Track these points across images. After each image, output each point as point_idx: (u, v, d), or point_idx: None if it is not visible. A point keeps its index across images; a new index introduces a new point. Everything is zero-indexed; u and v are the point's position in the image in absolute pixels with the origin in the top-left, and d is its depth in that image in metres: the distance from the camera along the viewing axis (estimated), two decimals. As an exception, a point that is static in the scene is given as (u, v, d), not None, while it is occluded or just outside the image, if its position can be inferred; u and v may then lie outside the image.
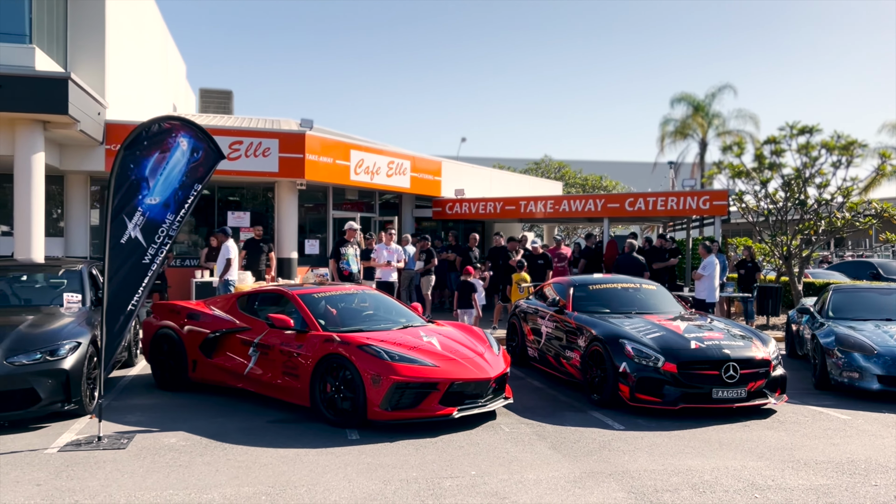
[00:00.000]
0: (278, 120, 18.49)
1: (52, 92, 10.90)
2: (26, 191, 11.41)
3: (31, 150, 11.36)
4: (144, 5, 17.56)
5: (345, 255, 12.52)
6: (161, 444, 6.05)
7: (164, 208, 6.44)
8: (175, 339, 8.29)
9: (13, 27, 11.58)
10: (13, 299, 8.40)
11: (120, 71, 14.72)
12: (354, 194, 17.71)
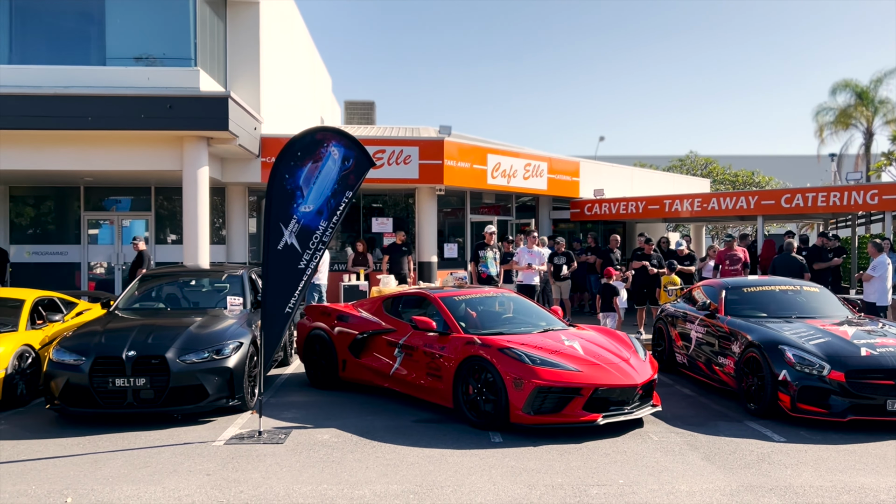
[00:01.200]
0: (418, 128, 18.96)
1: (214, 110, 11.80)
2: (193, 202, 12.41)
3: (196, 164, 12.35)
4: (294, 26, 18.63)
5: (483, 258, 12.60)
6: (315, 440, 6.36)
7: (317, 215, 6.76)
8: (326, 340, 8.70)
9: (180, 52, 12.66)
10: (183, 302, 9.15)
11: (273, 88, 15.69)
12: (491, 198, 17.80)
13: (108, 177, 13.99)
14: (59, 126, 11.68)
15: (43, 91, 11.68)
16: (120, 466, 5.62)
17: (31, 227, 16.08)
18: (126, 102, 11.69)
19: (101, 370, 6.80)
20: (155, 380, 6.82)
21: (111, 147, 12.34)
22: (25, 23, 12.65)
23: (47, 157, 12.28)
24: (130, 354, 6.84)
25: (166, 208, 16.08)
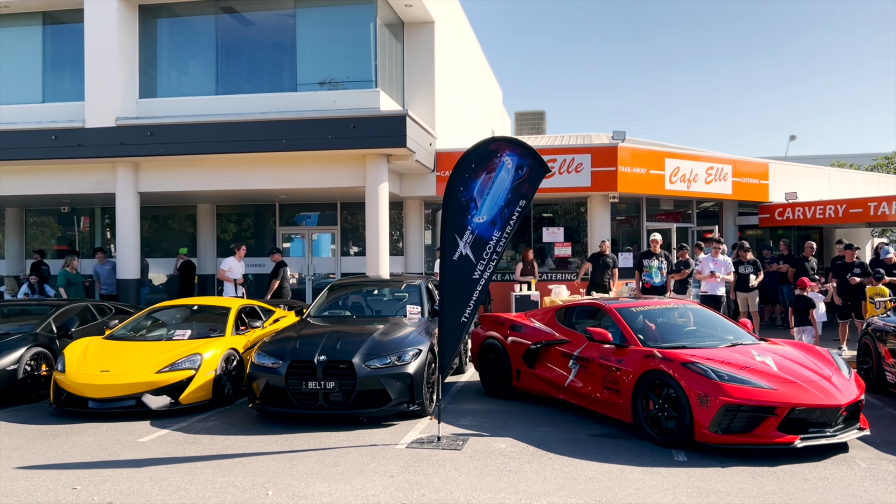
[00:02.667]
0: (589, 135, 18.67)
1: (393, 128, 12.38)
2: (374, 216, 13.07)
3: (377, 180, 13.00)
4: (466, 42, 19.11)
5: (648, 266, 12.12)
6: (492, 449, 6.42)
7: (490, 226, 6.85)
8: (500, 350, 8.77)
9: (362, 75, 13.42)
10: (367, 310, 9.64)
11: (446, 104, 16.17)
12: (669, 204, 17.08)
13: (300, 194, 15.10)
14: (257, 149, 12.80)
15: (243, 118, 12.87)
16: (313, 464, 6.02)
17: (234, 241, 17.73)
18: (315, 125, 12.58)
19: (296, 373, 7.33)
20: (343, 383, 7.25)
21: (302, 167, 13.33)
22: (229, 57, 14.03)
23: (247, 178, 13.50)
24: (321, 359, 7.31)
25: (349, 222, 17.07)
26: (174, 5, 13.92)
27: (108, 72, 13.37)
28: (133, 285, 13.81)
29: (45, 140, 13.27)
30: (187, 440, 6.88)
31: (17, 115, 13.94)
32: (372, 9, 13.32)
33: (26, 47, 14.40)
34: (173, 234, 17.94)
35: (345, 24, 13.60)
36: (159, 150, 12.96)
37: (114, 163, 13.57)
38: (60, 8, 14.04)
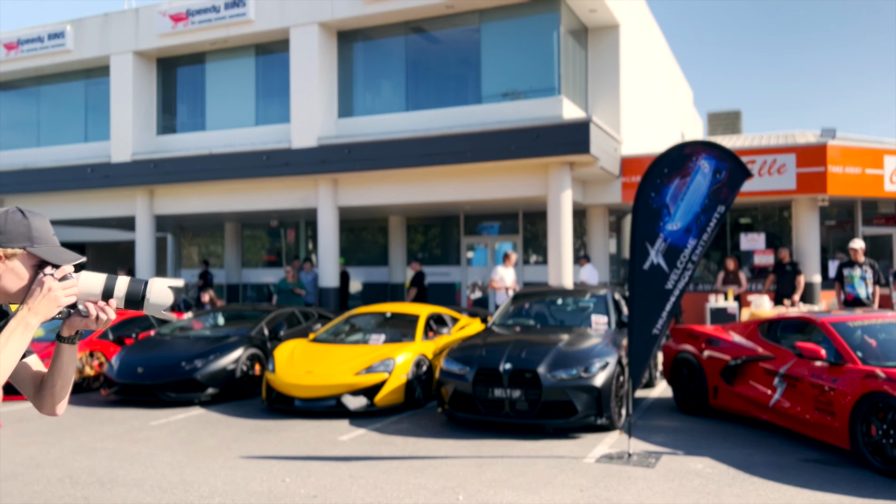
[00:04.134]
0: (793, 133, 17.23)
1: (576, 135, 12.23)
2: (556, 225, 12.97)
3: (560, 188, 12.90)
4: (653, 42, 18.46)
5: (850, 277, 10.86)
6: (687, 469, 6.08)
7: (685, 233, 6.52)
8: (694, 364, 8.31)
9: (545, 83, 13.42)
10: (551, 320, 9.57)
11: (632, 108, 15.71)
12: (890, 207, 15.29)
13: (483, 204, 15.38)
14: (444, 162, 13.21)
15: (430, 133, 13.36)
16: (501, 472, 6.05)
17: (422, 251, 18.44)
18: (498, 136, 12.76)
19: (483, 381, 7.43)
20: (528, 393, 7.23)
21: (485, 178, 13.57)
22: (417, 75, 14.65)
23: (435, 190, 13.98)
24: (507, 367, 7.36)
25: (529, 231, 17.10)
26: (369, 30, 14.80)
27: (311, 95, 14.49)
28: (333, 293, 14.79)
29: (258, 160, 14.64)
30: (382, 440, 7.21)
31: (233, 139, 15.53)
32: (556, 17, 13.28)
33: (241, 77, 16.00)
34: (367, 245, 19.02)
35: (528, 35, 13.68)
36: (355, 167, 13.81)
37: (315, 179, 14.66)
38: (270, 40, 15.45)
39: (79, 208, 17.41)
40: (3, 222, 1.94)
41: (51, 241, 2.01)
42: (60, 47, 16.74)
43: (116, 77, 16.36)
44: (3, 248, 1.93)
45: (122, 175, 15.97)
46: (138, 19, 16.14)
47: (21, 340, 1.87)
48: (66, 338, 2.06)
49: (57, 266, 1.97)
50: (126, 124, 16.23)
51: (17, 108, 18.49)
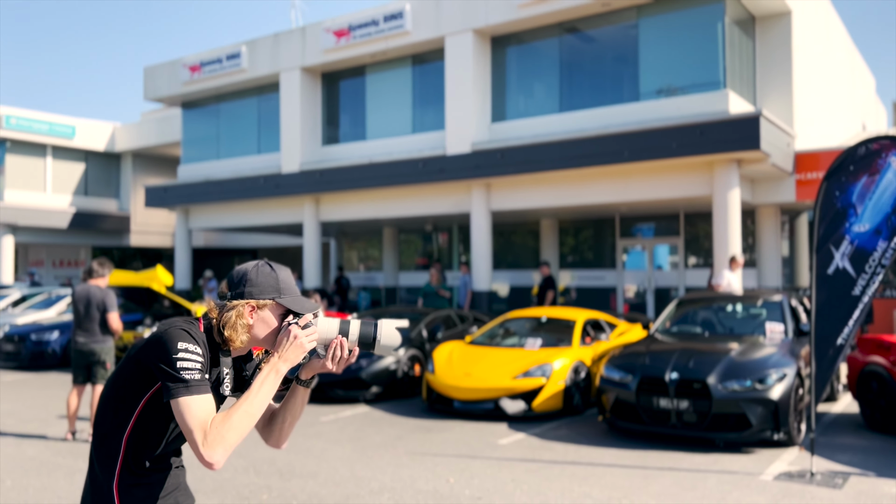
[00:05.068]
0: None
1: (744, 131, 11.52)
2: (723, 226, 12.29)
3: (727, 187, 12.22)
4: (829, 29, 17.05)
5: None
6: (881, 492, 5.52)
7: (874, 235, 5.95)
8: (885, 378, 7.54)
9: (708, 77, 12.76)
10: (719, 328, 9.06)
11: (806, 99, 14.59)
12: None
13: (640, 206, 14.89)
14: (599, 163, 12.92)
15: (585, 134, 13.13)
16: (669, 485, 5.81)
17: (574, 254, 18.17)
18: (657, 134, 12.30)
19: (646, 390, 7.18)
20: (697, 404, 6.90)
21: (643, 178, 13.12)
22: (571, 75, 14.46)
23: (589, 192, 13.72)
24: (673, 377, 7.06)
25: (689, 233, 16.34)
26: (522, 33, 14.81)
27: (465, 101, 14.72)
28: (486, 296, 14.93)
29: (414, 167, 15.08)
30: (542, 446, 7.16)
31: (391, 147, 16.11)
32: (720, 8, 12.61)
33: (398, 87, 16.57)
34: (517, 248, 19.03)
35: (690, 28, 13.08)
36: (508, 170, 13.85)
37: (469, 184, 14.87)
38: (425, 49, 15.88)
39: (253, 216, 18.79)
40: (254, 276, 2.16)
41: (294, 291, 2.21)
42: (236, 67, 18.16)
43: (285, 92, 17.49)
44: (256, 300, 2.14)
45: (291, 184, 17.04)
46: (305, 37, 17.17)
47: (273, 385, 2.09)
48: (303, 381, 2.25)
49: (299, 315, 2.15)
50: (294, 136, 17.31)
51: (200, 125, 20.28)
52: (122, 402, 2.11)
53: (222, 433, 1.98)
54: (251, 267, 2.19)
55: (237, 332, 2.13)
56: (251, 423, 2.05)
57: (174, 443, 2.21)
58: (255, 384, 2.08)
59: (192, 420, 1.97)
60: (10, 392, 10.70)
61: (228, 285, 2.21)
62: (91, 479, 2.16)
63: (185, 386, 2.00)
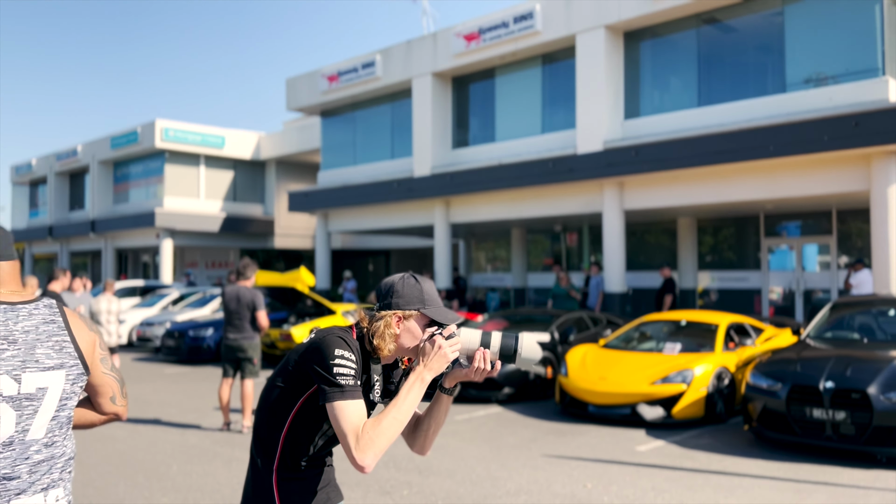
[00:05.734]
0: None
1: (908, 120, 10.57)
2: (882, 224, 11.33)
3: (886, 182, 11.26)
4: None
5: None
6: None
7: None
8: None
9: (864, 64, 11.80)
10: (879, 334, 8.37)
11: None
12: None
13: (786, 203, 14.01)
14: (741, 158, 12.28)
15: (725, 128, 12.52)
16: (824, 501, 5.43)
17: (712, 254, 17.37)
18: (806, 127, 11.53)
19: (798, 399, 6.75)
20: (855, 415, 6.41)
21: (791, 173, 12.34)
22: (710, 67, 13.83)
23: (730, 189, 13.07)
24: (828, 386, 6.59)
25: (842, 231, 15.18)
26: (657, 27, 14.36)
27: (596, 99, 14.46)
28: (618, 299, 14.59)
29: (544, 168, 14.99)
30: (683, 455, 6.90)
31: (521, 148, 16.10)
32: (877, -13, 11.64)
33: (528, 87, 16.53)
34: (650, 248, 18.44)
35: (843, 11, 12.16)
36: (643, 168, 13.46)
37: (601, 184, 14.59)
38: (555, 48, 15.74)
39: (386, 219, 19.38)
40: (400, 288, 2.26)
41: (437, 302, 2.30)
42: (371, 75, 18.81)
43: (417, 98, 17.92)
44: (402, 311, 2.24)
45: (423, 188, 17.43)
46: (436, 42, 17.51)
47: (418, 393, 2.16)
48: (447, 389, 2.33)
49: (443, 325, 2.23)
50: (426, 141, 17.70)
51: (337, 132, 21.18)
52: (280, 404, 2.25)
53: (373, 438, 2.06)
54: (397, 279, 2.29)
55: (385, 341, 2.23)
56: (399, 429, 2.13)
57: (328, 444, 2.33)
58: (402, 392, 2.16)
59: (345, 424, 2.07)
60: (171, 384, 11.65)
61: (377, 296, 2.32)
62: (253, 471, 2.32)
63: (340, 391, 2.10)
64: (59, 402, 2.11)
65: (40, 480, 2.07)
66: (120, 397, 2.34)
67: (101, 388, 2.28)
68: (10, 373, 2.01)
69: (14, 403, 2.02)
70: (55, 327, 2.14)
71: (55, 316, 2.17)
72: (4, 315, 2.06)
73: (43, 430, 2.09)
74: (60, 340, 2.13)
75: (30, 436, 2.06)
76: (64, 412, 2.14)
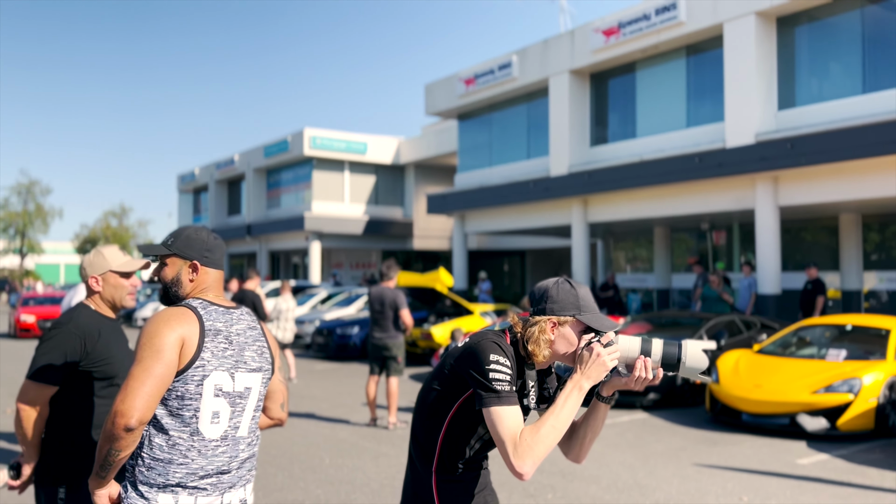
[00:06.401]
0: None
1: None
2: None
3: None
4: None
5: None
6: None
7: None
8: None
9: None
10: None
11: None
12: None
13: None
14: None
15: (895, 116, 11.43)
16: None
17: (880, 252, 15.91)
18: None
19: None
20: None
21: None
22: (877, 50, 12.66)
23: (902, 181, 11.92)
24: None
25: None
26: (814, 10, 13.35)
27: (747, 89, 13.66)
28: (773, 301, 13.70)
29: (689, 163, 14.34)
30: (851, 470, 6.37)
31: (663, 144, 15.51)
32: None
33: (671, 80, 15.90)
34: (806, 246, 17.18)
35: None
36: (800, 161, 12.56)
37: (752, 178, 13.76)
38: (701, 39, 15.05)
39: (522, 219, 19.33)
40: (555, 293, 2.23)
41: (593, 308, 2.25)
42: (508, 76, 18.83)
43: (554, 96, 17.73)
44: (557, 316, 2.21)
45: (560, 187, 17.22)
46: (573, 40, 17.25)
47: (576, 401, 2.13)
48: (605, 397, 2.29)
49: (600, 332, 2.19)
50: (563, 140, 17.48)
51: (474, 135, 21.39)
52: (437, 407, 2.29)
53: (531, 445, 2.05)
54: (552, 284, 2.26)
55: (539, 347, 2.21)
56: (557, 438, 2.11)
57: (484, 447, 2.34)
58: (560, 400, 2.13)
59: (503, 430, 2.07)
60: (321, 379, 12.24)
61: (530, 301, 2.29)
62: (412, 472, 2.38)
63: (496, 396, 2.11)
64: (256, 402, 2.30)
65: (245, 476, 2.26)
66: (286, 405, 2.52)
67: (275, 393, 2.46)
68: (228, 370, 2.20)
69: (230, 400, 2.20)
70: (257, 333, 2.34)
71: (255, 322, 2.37)
72: (224, 317, 2.25)
73: (247, 427, 2.27)
74: (261, 346, 2.33)
75: (239, 432, 2.24)
76: (258, 412, 2.33)
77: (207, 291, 2.33)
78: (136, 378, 2.06)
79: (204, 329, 2.16)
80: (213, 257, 2.34)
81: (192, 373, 2.13)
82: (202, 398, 2.14)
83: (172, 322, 2.13)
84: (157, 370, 2.07)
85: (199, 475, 2.14)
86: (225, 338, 2.21)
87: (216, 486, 2.17)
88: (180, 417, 2.14)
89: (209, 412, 2.16)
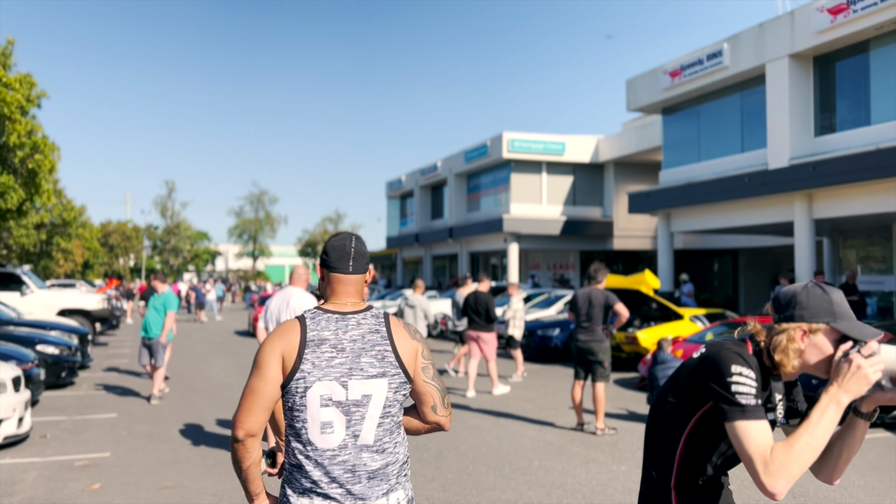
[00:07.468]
0: None
1: None
2: None
3: None
4: None
5: None
6: None
7: None
8: None
9: None
10: None
11: None
12: None
13: None
14: None
15: None
16: None
17: None
18: None
19: None
20: None
21: None
22: None
23: None
24: None
25: None
26: None
27: None
28: None
29: None
30: None
31: None
32: None
33: None
34: None
35: None
36: None
37: None
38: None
39: (735, 217, 18.07)
40: (805, 298, 2.02)
41: (849, 315, 2.02)
42: (718, 65, 17.72)
43: (772, 84, 16.39)
44: (807, 324, 2.00)
45: (779, 181, 15.88)
46: (793, 22, 15.83)
47: (833, 417, 1.92)
48: (864, 413, 2.06)
49: (859, 342, 1.97)
50: (782, 130, 16.10)
51: (680, 129, 20.39)
52: (673, 420, 2.16)
53: (784, 463, 1.88)
54: (800, 288, 2.06)
55: (788, 358, 2.02)
56: (813, 456, 1.91)
57: (726, 464, 2.19)
58: (815, 415, 1.93)
59: (750, 447, 1.92)
60: (525, 380, 12.31)
61: (775, 307, 2.11)
62: (648, 484, 2.27)
63: (741, 410, 1.95)
64: (382, 409, 2.21)
65: (379, 486, 2.19)
66: (441, 407, 2.36)
67: (423, 396, 2.34)
68: (338, 379, 2.17)
69: (343, 409, 2.17)
70: (379, 337, 2.25)
71: (380, 326, 2.27)
72: (336, 324, 2.22)
73: (372, 435, 2.20)
74: (382, 350, 2.23)
75: (360, 441, 2.19)
76: (388, 419, 2.23)
77: (338, 297, 2.31)
78: (243, 394, 2.18)
79: (305, 340, 2.17)
80: (332, 261, 2.31)
81: (295, 385, 2.15)
82: (307, 409, 2.15)
83: (273, 338, 2.19)
84: (255, 385, 2.15)
85: (324, 482, 2.15)
86: (332, 346, 2.18)
87: (347, 496, 2.16)
88: (293, 428, 2.20)
89: (317, 423, 2.16)
